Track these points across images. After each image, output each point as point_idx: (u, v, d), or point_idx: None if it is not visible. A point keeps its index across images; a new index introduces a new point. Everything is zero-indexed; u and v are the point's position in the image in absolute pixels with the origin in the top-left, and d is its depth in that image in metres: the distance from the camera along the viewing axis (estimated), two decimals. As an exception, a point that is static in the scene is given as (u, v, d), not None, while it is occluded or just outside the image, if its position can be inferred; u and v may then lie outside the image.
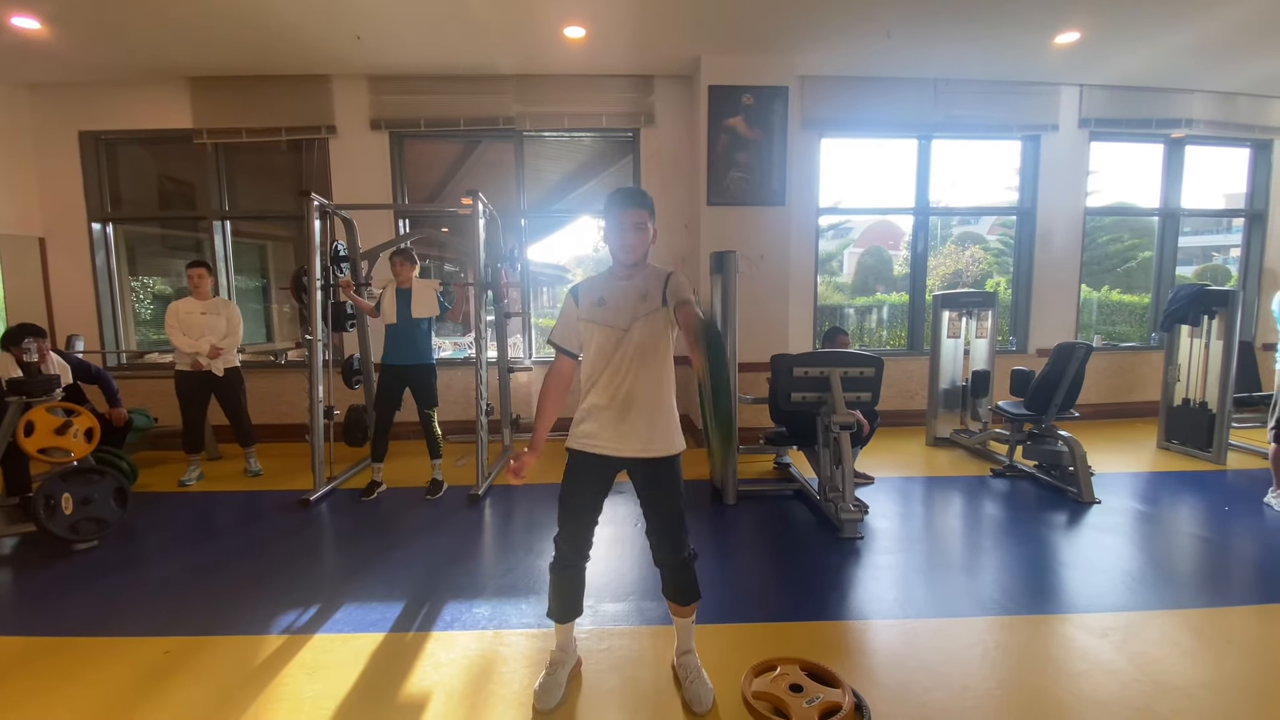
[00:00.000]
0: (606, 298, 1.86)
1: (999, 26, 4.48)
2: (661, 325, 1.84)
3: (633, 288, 1.85)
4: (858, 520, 3.24)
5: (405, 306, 3.91)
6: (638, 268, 1.87)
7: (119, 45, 4.53)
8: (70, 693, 2.00)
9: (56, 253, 5.35)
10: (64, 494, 3.12)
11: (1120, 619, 2.40)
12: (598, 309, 1.86)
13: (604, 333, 1.84)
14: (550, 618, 2.00)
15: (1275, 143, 6.05)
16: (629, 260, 1.85)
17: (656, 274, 1.87)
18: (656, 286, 1.84)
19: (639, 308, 1.82)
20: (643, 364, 1.83)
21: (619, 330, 1.82)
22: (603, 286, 1.89)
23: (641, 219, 1.82)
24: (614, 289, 1.86)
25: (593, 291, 1.89)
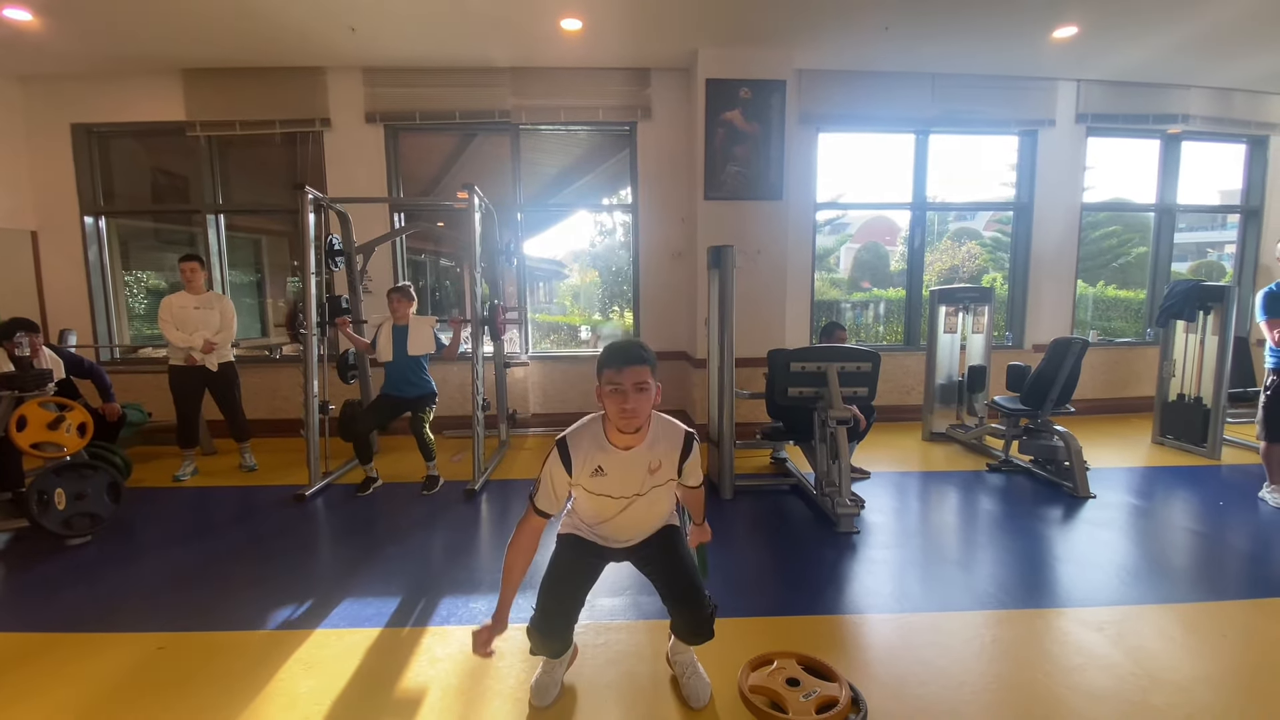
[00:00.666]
0: (606, 469, 1.66)
1: (996, 21, 4.46)
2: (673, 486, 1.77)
3: (639, 460, 1.67)
4: (854, 515, 3.25)
5: (401, 344, 3.93)
6: (641, 434, 1.67)
7: (111, 37, 4.48)
8: (64, 689, 1.99)
9: (49, 246, 5.31)
10: (57, 489, 3.10)
11: (1115, 613, 2.41)
12: (595, 480, 1.68)
13: (602, 501, 1.72)
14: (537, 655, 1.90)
15: (1271, 139, 6.06)
16: (630, 428, 1.62)
17: (669, 440, 1.70)
18: (670, 460, 1.70)
19: (648, 481, 1.69)
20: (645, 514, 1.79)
21: (622, 500, 1.71)
22: (600, 456, 1.66)
23: (644, 378, 1.58)
24: (615, 461, 1.66)
25: (588, 460, 1.66)
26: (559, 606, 1.80)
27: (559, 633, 1.82)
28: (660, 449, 1.70)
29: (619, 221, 6.48)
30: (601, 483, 1.68)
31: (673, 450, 1.71)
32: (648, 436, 1.68)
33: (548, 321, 7.41)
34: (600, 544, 1.86)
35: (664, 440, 1.70)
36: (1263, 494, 3.68)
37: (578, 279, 7.50)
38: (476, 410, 4.06)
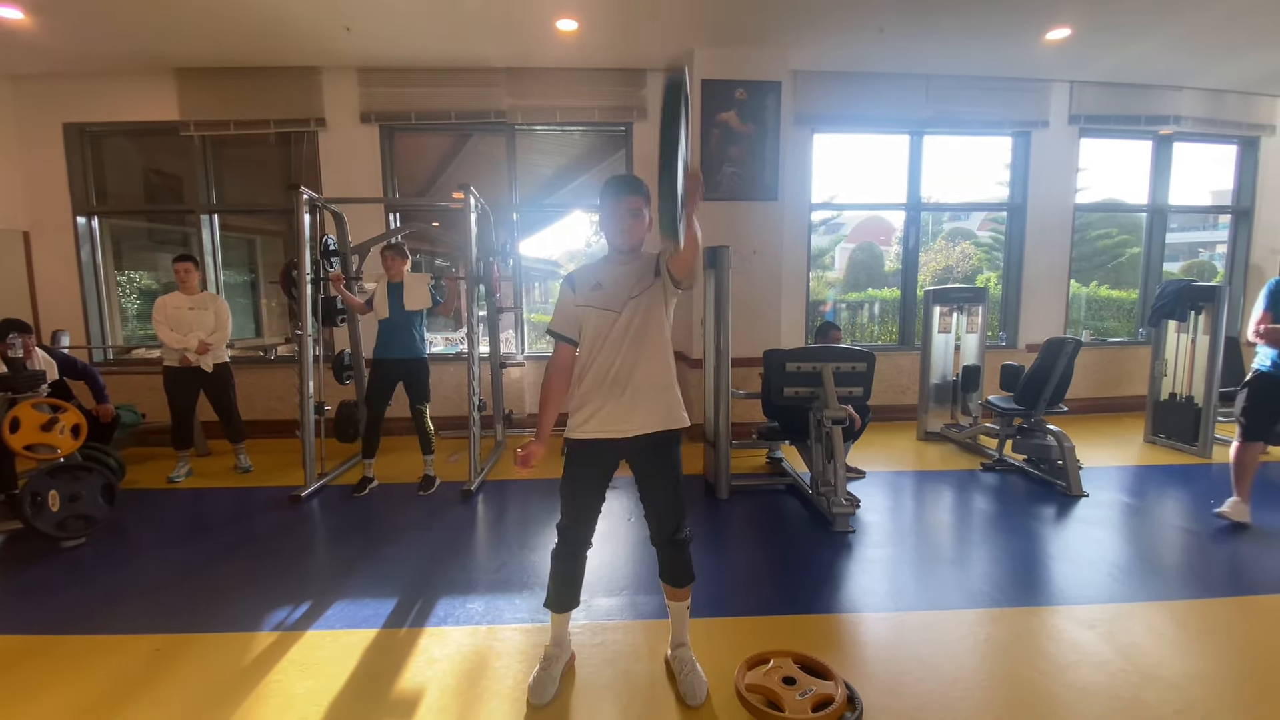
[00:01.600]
0: (603, 282, 1.87)
1: (990, 22, 4.49)
2: (657, 302, 1.85)
3: (629, 271, 1.87)
4: (849, 514, 3.26)
5: (398, 300, 3.89)
6: (634, 253, 1.89)
7: (104, 36, 4.46)
8: (59, 691, 1.98)
9: (41, 247, 5.27)
10: (51, 491, 3.09)
11: (1108, 610, 2.43)
12: (594, 293, 1.87)
13: (600, 316, 1.85)
14: (548, 607, 2.01)
15: (1262, 140, 6.10)
16: (626, 246, 1.86)
17: (650, 256, 1.90)
18: (650, 265, 1.87)
19: (634, 287, 1.85)
20: (639, 342, 1.84)
21: (613, 313, 1.84)
22: (599, 272, 1.90)
23: (637, 205, 1.83)
24: (610, 273, 1.88)
25: (589, 277, 1.90)
26: (578, 505, 1.93)
27: (584, 531, 1.94)
28: (645, 264, 1.89)
29: (615, 221, 6.48)
30: (599, 295, 1.86)
31: (650, 258, 1.89)
32: (637, 258, 1.89)
33: (544, 321, 7.41)
34: (606, 436, 1.86)
35: (648, 259, 1.90)
36: (1224, 510, 3.30)
37: (573, 279, 7.49)
38: (473, 410, 4.06)
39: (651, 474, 1.91)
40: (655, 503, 1.94)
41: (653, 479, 1.92)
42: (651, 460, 1.90)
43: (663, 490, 1.92)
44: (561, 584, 1.98)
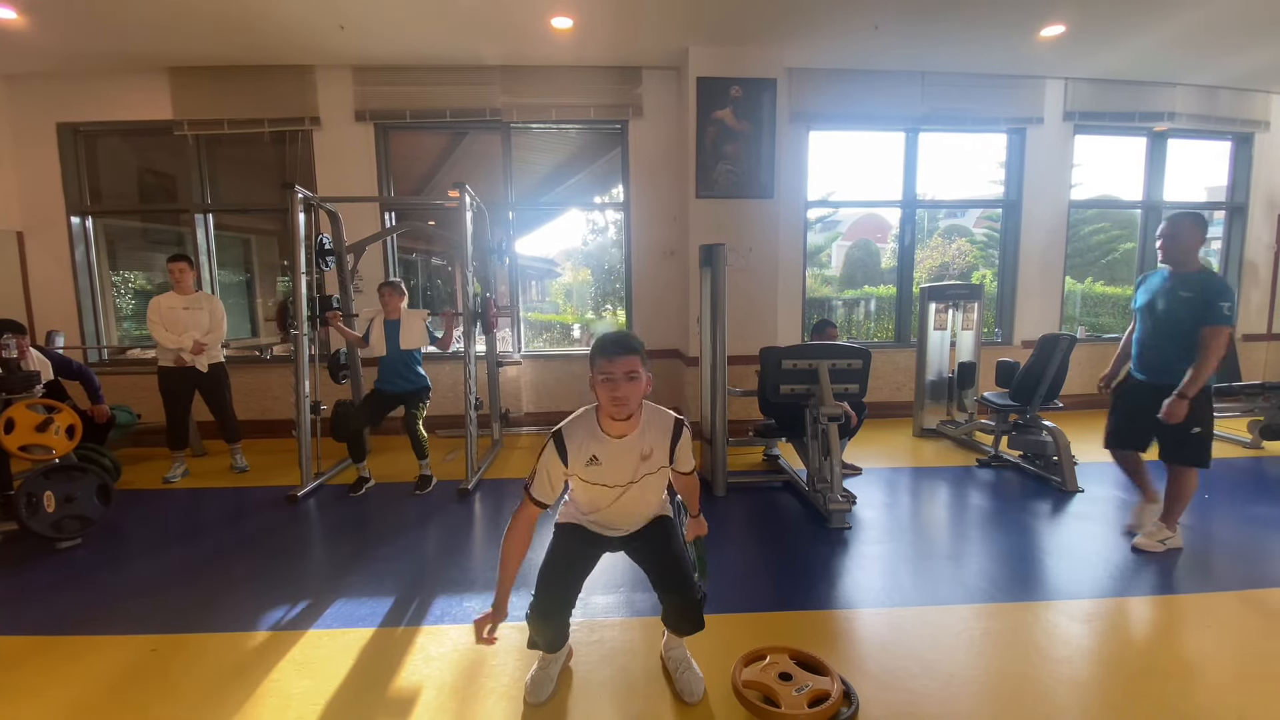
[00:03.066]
0: (601, 458, 1.72)
1: (985, 20, 4.49)
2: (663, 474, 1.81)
3: (631, 447, 1.72)
4: (846, 511, 3.27)
5: (394, 338, 3.91)
6: (632, 424, 1.72)
7: (97, 35, 4.44)
8: (56, 692, 1.98)
9: (35, 247, 5.25)
10: (46, 492, 3.08)
11: (1103, 605, 2.45)
12: (590, 469, 1.73)
13: (598, 490, 1.77)
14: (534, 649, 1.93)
15: (1256, 136, 6.12)
16: (622, 415, 1.67)
17: (659, 426, 1.75)
18: (662, 446, 1.74)
19: (641, 468, 1.73)
20: (640, 501, 1.83)
21: (617, 488, 1.76)
22: (594, 445, 1.72)
23: (634, 367, 1.63)
24: (609, 450, 1.72)
25: (582, 450, 1.71)
26: (556, 594, 1.83)
27: (556, 620, 1.84)
28: (651, 435, 1.74)
29: (611, 220, 6.48)
30: (596, 471, 1.73)
31: (663, 436, 1.75)
32: (639, 424, 1.73)
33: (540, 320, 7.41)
34: (596, 532, 1.88)
35: (654, 427, 1.75)
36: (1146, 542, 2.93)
37: (570, 277, 7.50)
38: (469, 409, 4.06)
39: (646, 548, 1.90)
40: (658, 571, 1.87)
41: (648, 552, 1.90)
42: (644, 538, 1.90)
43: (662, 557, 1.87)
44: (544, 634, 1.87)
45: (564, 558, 1.87)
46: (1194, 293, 2.70)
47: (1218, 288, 2.66)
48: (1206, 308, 2.64)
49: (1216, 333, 2.62)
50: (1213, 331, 2.63)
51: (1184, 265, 2.78)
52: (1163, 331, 2.83)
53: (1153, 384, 2.85)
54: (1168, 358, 2.79)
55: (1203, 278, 2.73)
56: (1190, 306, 2.70)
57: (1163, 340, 2.82)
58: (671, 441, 1.76)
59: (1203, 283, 2.71)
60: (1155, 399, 2.77)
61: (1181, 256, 2.77)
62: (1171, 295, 2.78)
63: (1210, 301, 2.64)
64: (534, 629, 1.86)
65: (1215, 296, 2.63)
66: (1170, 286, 2.80)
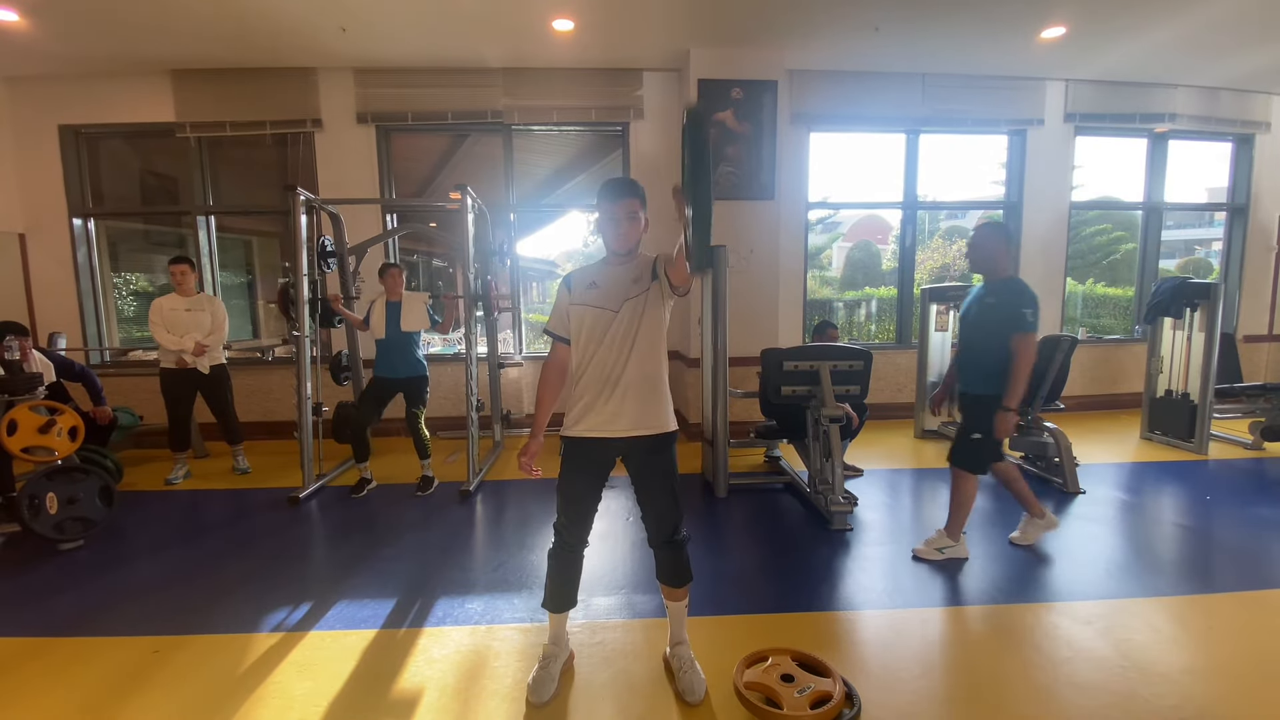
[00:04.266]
0: (599, 282, 1.89)
1: (985, 21, 4.50)
2: (653, 305, 1.86)
3: (625, 272, 1.88)
4: (847, 512, 3.27)
5: (395, 320, 3.89)
6: (631, 255, 1.90)
7: (99, 37, 4.45)
8: (58, 693, 1.98)
9: (37, 249, 5.26)
10: (48, 493, 3.08)
11: (1104, 607, 2.44)
12: (590, 292, 1.89)
13: (595, 315, 1.86)
14: (546, 608, 2.01)
15: (1257, 137, 6.12)
16: (623, 249, 1.88)
17: (647, 259, 1.91)
18: (647, 269, 1.88)
19: (631, 289, 1.86)
20: (633, 345, 1.85)
21: (610, 312, 1.85)
22: (596, 272, 1.92)
23: (634, 208, 1.85)
24: (606, 274, 1.90)
25: (585, 277, 1.92)
26: (575, 503, 1.93)
27: (581, 529, 1.95)
28: (642, 267, 1.89)
29: (612, 221, 6.48)
30: (595, 294, 1.88)
31: (647, 264, 1.89)
32: (634, 260, 1.91)
33: (541, 321, 7.41)
34: (600, 438, 1.88)
35: (644, 262, 1.91)
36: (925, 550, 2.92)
37: (571, 279, 7.51)
38: (471, 411, 4.06)
39: (646, 475, 1.93)
40: (651, 504, 1.95)
41: (648, 480, 1.93)
42: (645, 462, 1.92)
43: (658, 491, 1.93)
44: (559, 584, 1.99)
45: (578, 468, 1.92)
46: (998, 299, 2.72)
47: (1021, 295, 2.65)
48: (1010, 316, 2.65)
49: (1022, 340, 2.62)
50: (1019, 339, 2.63)
51: (992, 273, 2.79)
52: (973, 339, 2.86)
53: (970, 394, 2.86)
54: (977, 366, 2.81)
55: (1007, 285, 2.72)
56: (995, 313, 2.72)
57: (973, 348, 2.85)
58: (653, 263, 1.88)
59: (1007, 290, 2.71)
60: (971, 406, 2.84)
61: (987, 265, 2.78)
62: (980, 303, 2.83)
63: (1014, 309, 2.65)
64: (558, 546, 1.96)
65: (1018, 304, 2.63)
66: (980, 294, 2.85)
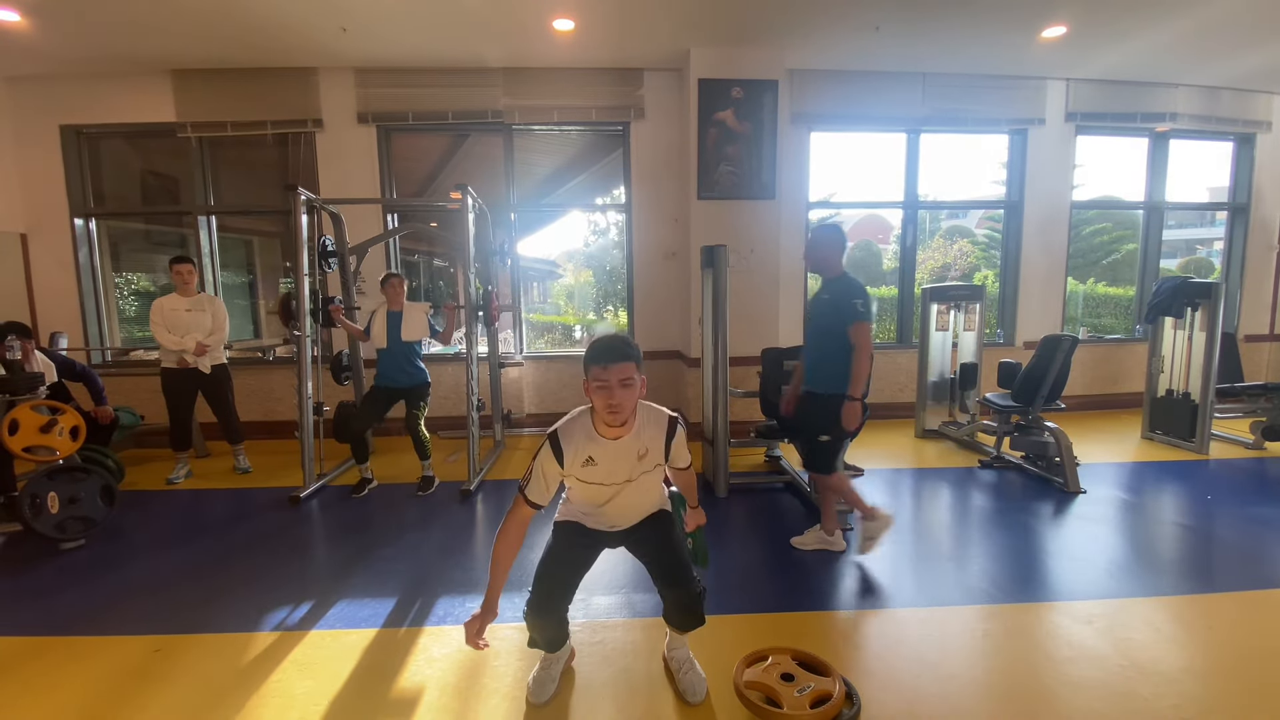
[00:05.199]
0: (597, 459, 1.71)
1: (986, 21, 4.49)
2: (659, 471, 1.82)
3: (627, 448, 1.72)
4: (847, 512, 3.27)
5: (396, 330, 3.91)
6: (627, 425, 1.71)
7: (100, 37, 4.45)
8: (60, 692, 1.99)
9: (38, 249, 5.27)
10: (50, 493, 3.09)
11: (1105, 606, 2.44)
12: (587, 469, 1.72)
13: (594, 489, 1.77)
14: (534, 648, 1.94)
15: (1258, 136, 6.11)
16: (616, 421, 1.66)
17: (654, 425, 1.75)
18: (657, 445, 1.75)
19: (636, 467, 1.74)
20: (637, 496, 1.83)
21: (613, 486, 1.76)
22: (591, 446, 1.71)
23: (629, 374, 1.62)
24: (606, 452, 1.71)
25: (579, 451, 1.71)
26: (554, 590, 1.84)
27: (552, 618, 1.85)
28: (647, 435, 1.74)
29: (612, 221, 6.50)
30: (593, 472, 1.72)
31: (658, 434, 1.76)
32: (634, 425, 1.73)
33: (542, 321, 7.42)
34: (594, 529, 1.88)
35: (650, 426, 1.75)
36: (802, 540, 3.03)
37: (572, 279, 7.52)
38: (471, 410, 4.06)
39: (645, 544, 1.91)
40: (658, 567, 1.88)
41: (647, 547, 1.91)
42: (642, 534, 1.90)
43: (662, 554, 1.88)
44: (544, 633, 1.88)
45: (561, 556, 1.87)
46: (831, 295, 2.84)
47: (851, 288, 2.77)
48: (842, 308, 2.75)
49: (857, 329, 2.72)
50: (855, 329, 2.72)
51: (826, 272, 2.90)
52: (814, 339, 2.95)
53: (814, 393, 2.92)
54: (820, 364, 2.89)
55: (840, 281, 2.84)
56: (830, 308, 2.83)
57: (817, 348, 2.91)
58: (666, 439, 1.77)
59: (839, 285, 2.83)
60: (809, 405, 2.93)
61: (823, 265, 2.90)
62: (818, 301, 2.94)
63: (844, 301, 2.75)
64: (531, 627, 1.87)
65: (848, 296, 2.75)
66: (818, 294, 2.96)
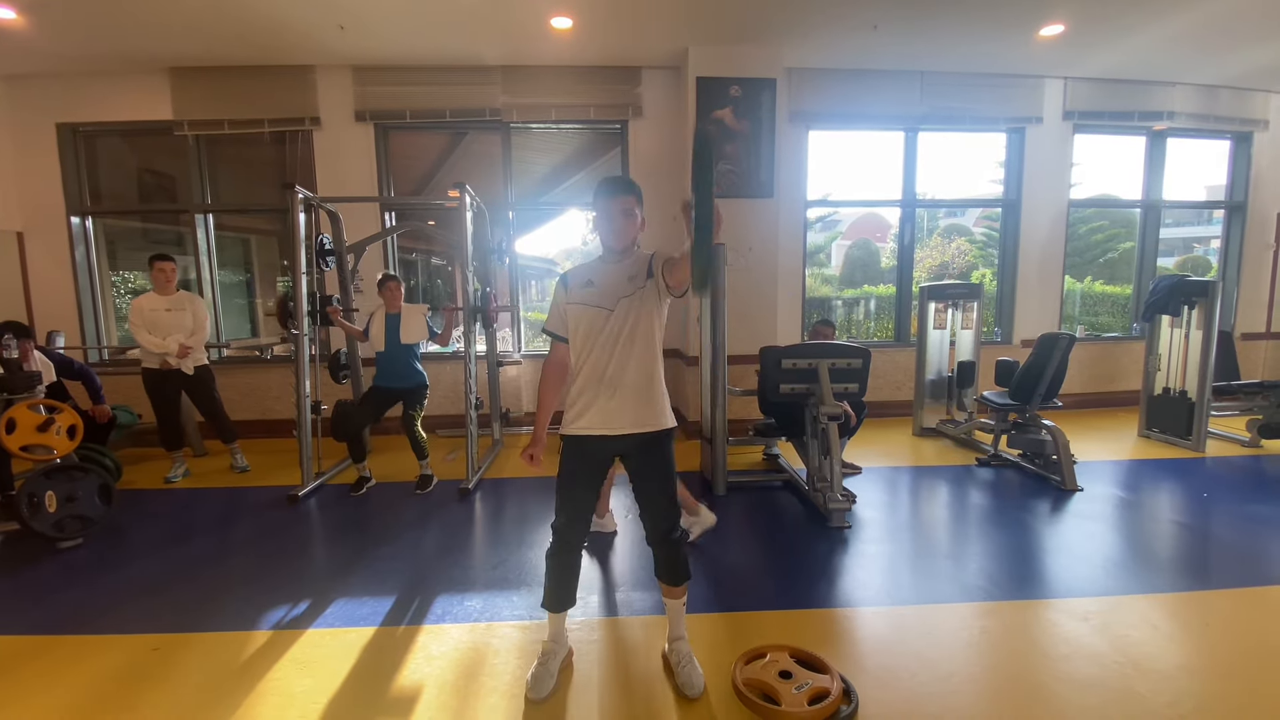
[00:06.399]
0: (595, 280, 1.89)
1: (984, 19, 4.50)
2: (649, 303, 1.86)
3: (621, 270, 1.89)
4: (845, 510, 3.28)
5: (394, 332, 3.90)
6: (626, 253, 1.91)
7: (96, 35, 4.44)
8: (58, 691, 1.99)
9: (35, 247, 5.26)
10: (47, 492, 3.08)
11: (1101, 603, 2.45)
12: (586, 291, 1.89)
13: (591, 314, 1.87)
14: (545, 608, 2.03)
15: (1255, 135, 6.13)
16: (619, 246, 1.89)
17: (643, 256, 1.92)
18: (642, 266, 1.88)
19: (626, 287, 1.86)
20: (629, 342, 1.85)
21: (605, 310, 1.85)
22: (592, 270, 1.93)
23: (630, 205, 1.86)
24: (602, 272, 1.90)
25: (582, 275, 1.92)
26: (572, 502, 1.94)
27: (579, 528, 1.96)
28: (638, 264, 1.90)
29: (611, 219, 6.48)
30: (591, 293, 1.88)
31: (643, 259, 1.90)
32: (630, 258, 1.91)
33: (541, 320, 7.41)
34: (599, 435, 1.88)
35: (640, 259, 1.92)
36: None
37: (570, 277, 7.50)
38: (470, 409, 4.06)
39: (644, 472, 1.94)
40: (649, 502, 1.95)
41: (645, 477, 1.94)
42: (644, 459, 1.92)
43: (656, 489, 1.94)
44: (558, 584, 2.00)
45: (575, 473, 1.93)
46: None
47: None
48: None
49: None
50: None
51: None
52: None
53: None
54: None
55: None
56: None
57: None
58: (649, 261, 1.89)
59: None
60: None
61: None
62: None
63: None
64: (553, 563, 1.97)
65: None
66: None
